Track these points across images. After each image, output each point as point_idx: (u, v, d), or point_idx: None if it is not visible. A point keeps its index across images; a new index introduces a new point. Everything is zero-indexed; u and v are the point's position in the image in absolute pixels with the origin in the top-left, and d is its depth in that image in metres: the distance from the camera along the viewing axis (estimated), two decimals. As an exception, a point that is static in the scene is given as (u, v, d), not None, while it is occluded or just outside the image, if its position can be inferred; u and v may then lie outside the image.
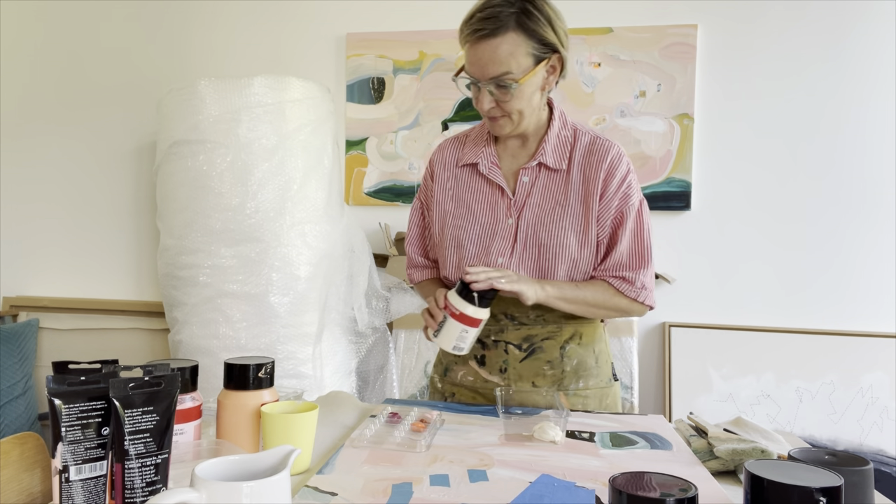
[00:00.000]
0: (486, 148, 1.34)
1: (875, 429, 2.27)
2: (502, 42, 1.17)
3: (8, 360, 2.59)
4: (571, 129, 1.32)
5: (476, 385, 1.34)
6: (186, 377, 0.90)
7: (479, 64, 1.19)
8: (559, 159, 1.30)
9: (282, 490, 0.62)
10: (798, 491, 0.60)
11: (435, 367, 1.46)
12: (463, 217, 1.34)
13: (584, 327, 1.33)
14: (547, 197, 1.29)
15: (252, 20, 2.75)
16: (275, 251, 2.25)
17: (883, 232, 2.38)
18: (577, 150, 1.30)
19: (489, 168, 1.32)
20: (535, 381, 1.30)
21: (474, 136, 1.39)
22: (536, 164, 1.30)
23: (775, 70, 2.43)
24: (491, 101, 1.22)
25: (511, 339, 1.30)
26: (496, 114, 1.24)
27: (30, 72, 2.91)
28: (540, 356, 1.30)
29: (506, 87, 1.20)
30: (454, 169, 1.38)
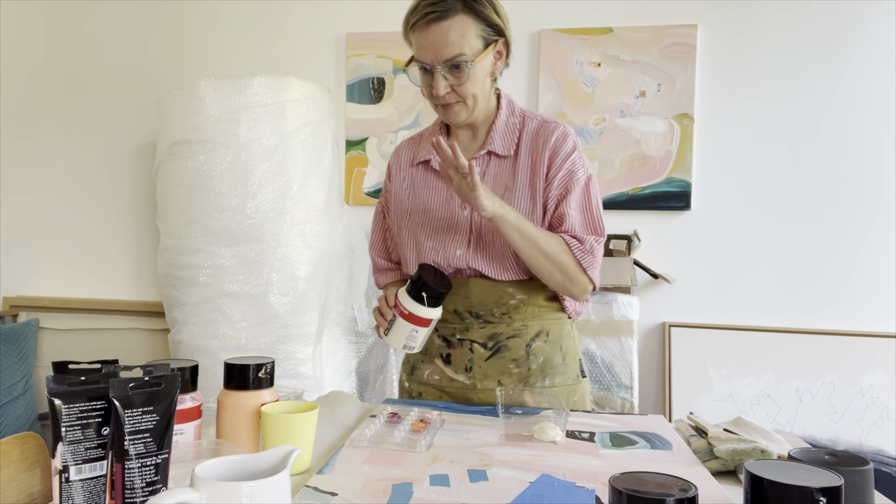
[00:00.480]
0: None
1: (875, 429, 2.27)
2: (453, 24, 1.18)
3: (8, 360, 2.59)
4: (520, 116, 1.33)
5: (442, 384, 1.33)
6: (186, 377, 0.90)
7: (432, 48, 1.19)
8: (507, 146, 1.30)
9: (282, 490, 0.62)
10: (798, 491, 0.60)
11: (403, 366, 1.46)
12: (420, 214, 1.34)
13: (551, 324, 1.33)
14: (497, 184, 1.29)
15: (252, 20, 2.75)
16: (275, 251, 2.25)
17: (883, 231, 2.38)
18: (524, 136, 1.30)
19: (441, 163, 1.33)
20: (500, 379, 1.29)
21: (428, 133, 1.40)
22: (485, 152, 1.30)
23: (775, 70, 2.43)
24: (446, 86, 1.22)
25: (476, 337, 1.30)
26: (451, 99, 1.24)
27: (30, 72, 2.91)
28: (505, 354, 1.29)
29: (460, 70, 1.20)
30: (409, 168, 1.39)
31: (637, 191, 2.48)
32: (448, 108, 1.26)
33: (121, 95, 2.85)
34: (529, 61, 2.58)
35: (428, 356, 1.36)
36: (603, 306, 2.41)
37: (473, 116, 1.29)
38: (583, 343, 2.39)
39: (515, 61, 2.57)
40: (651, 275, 2.44)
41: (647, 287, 2.51)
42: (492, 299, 1.28)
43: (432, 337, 1.34)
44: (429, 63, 1.21)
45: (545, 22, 2.55)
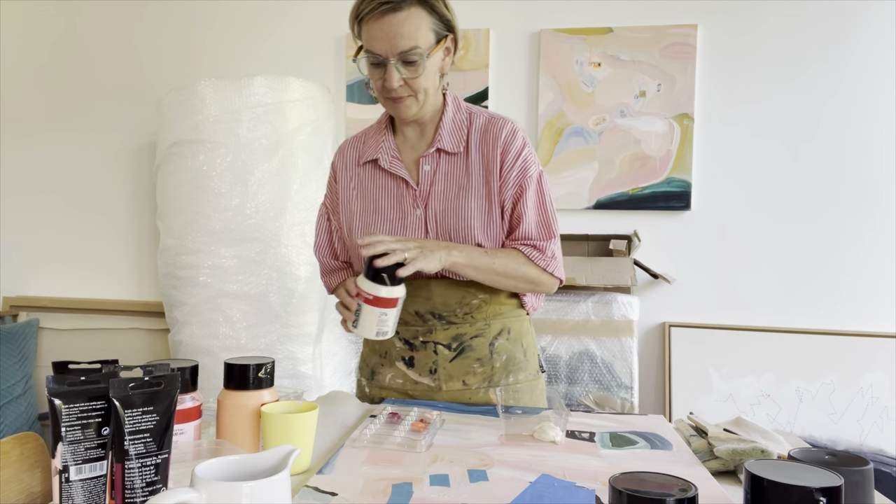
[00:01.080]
0: (385, 142, 1.32)
1: (875, 429, 2.27)
2: (408, 16, 1.15)
3: (8, 360, 2.59)
4: (466, 113, 1.31)
5: (406, 387, 1.32)
6: (186, 377, 0.90)
7: (387, 39, 1.16)
8: (456, 142, 1.28)
9: (282, 490, 0.62)
10: (798, 491, 0.60)
11: (360, 371, 1.43)
12: (370, 214, 1.31)
13: (512, 322, 1.32)
14: (450, 182, 1.27)
15: (252, 20, 2.75)
16: (275, 251, 2.25)
17: (883, 231, 2.38)
18: (473, 132, 1.28)
19: (390, 161, 1.30)
20: (465, 379, 1.29)
21: (373, 132, 1.36)
22: (435, 150, 1.28)
23: (775, 70, 2.43)
24: (399, 78, 1.18)
25: (440, 339, 1.29)
26: (403, 93, 1.21)
27: (30, 72, 2.91)
28: (469, 354, 1.29)
29: (414, 63, 1.18)
30: (356, 168, 1.35)
31: (637, 191, 2.48)
32: (399, 102, 1.23)
33: (121, 95, 2.85)
34: (529, 61, 2.58)
35: (388, 360, 1.34)
36: (603, 306, 2.41)
37: (422, 112, 1.26)
38: (582, 343, 2.39)
39: (515, 61, 2.58)
40: (651, 275, 2.44)
41: (647, 287, 2.51)
42: (454, 300, 1.28)
43: (392, 340, 1.32)
44: (382, 55, 1.17)
45: (545, 22, 2.55)
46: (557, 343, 2.40)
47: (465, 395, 1.29)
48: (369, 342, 1.40)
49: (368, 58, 1.20)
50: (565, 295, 2.45)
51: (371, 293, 1.11)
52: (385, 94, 1.22)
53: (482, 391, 1.29)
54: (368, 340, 1.40)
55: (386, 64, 1.18)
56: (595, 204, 2.51)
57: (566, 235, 2.50)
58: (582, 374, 2.38)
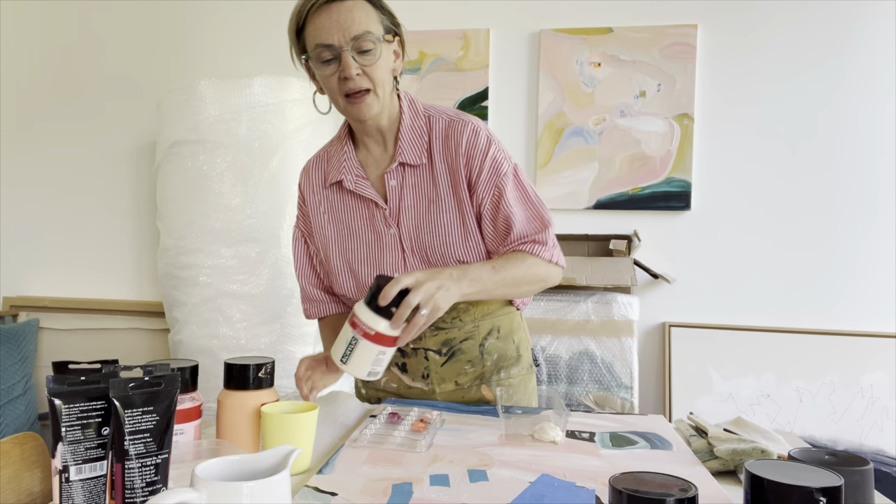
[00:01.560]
0: (348, 161, 1.26)
1: (875, 429, 2.27)
2: (355, 5, 1.13)
3: (8, 360, 2.59)
4: (425, 117, 1.24)
5: (400, 391, 1.33)
6: (186, 377, 0.90)
7: (338, 26, 1.11)
8: (417, 153, 1.22)
9: (282, 490, 0.62)
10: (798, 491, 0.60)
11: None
12: (346, 239, 1.26)
13: (501, 320, 1.30)
14: (419, 196, 1.22)
15: (252, 20, 2.75)
16: (275, 251, 2.25)
17: (883, 231, 2.38)
18: (434, 140, 1.22)
19: (355, 182, 1.24)
20: (457, 380, 1.29)
21: (335, 149, 1.30)
22: (398, 164, 1.22)
23: (775, 70, 2.43)
24: (357, 66, 1.12)
25: (430, 345, 1.27)
26: (363, 84, 1.14)
27: (29, 72, 2.91)
28: (460, 357, 1.28)
29: (369, 52, 1.13)
30: (323, 190, 1.29)
31: (637, 191, 2.48)
32: (359, 99, 1.15)
33: (121, 95, 2.85)
34: (529, 61, 2.58)
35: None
36: (603, 306, 2.41)
37: (382, 116, 1.20)
38: (582, 343, 2.39)
39: (515, 61, 2.58)
40: (651, 275, 2.44)
41: (647, 287, 2.51)
42: None
43: None
44: (336, 43, 1.11)
45: (545, 22, 2.55)
46: (557, 343, 2.40)
47: (458, 394, 1.30)
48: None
49: (319, 53, 1.13)
50: (565, 295, 2.45)
51: (372, 327, 0.97)
52: (342, 90, 1.15)
53: (474, 388, 1.29)
54: None
55: (340, 54, 1.12)
56: (595, 204, 2.51)
57: (566, 235, 2.50)
58: (582, 374, 2.38)
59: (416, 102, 1.27)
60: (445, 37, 2.59)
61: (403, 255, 1.24)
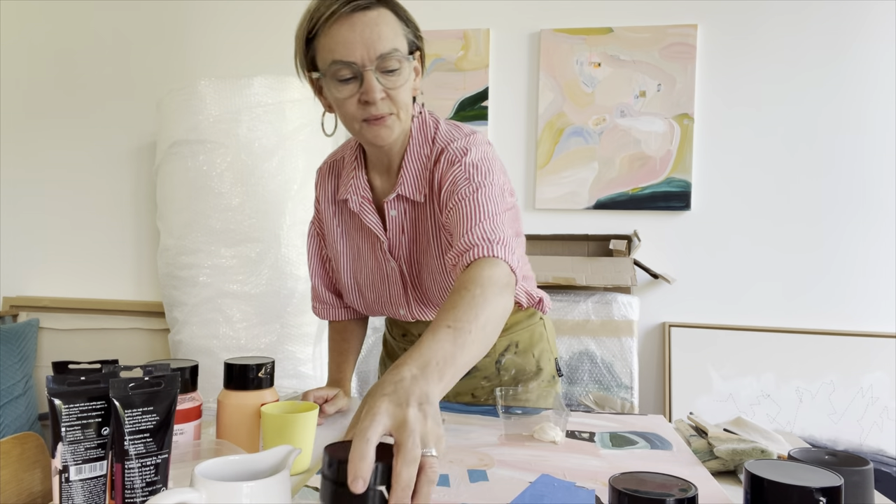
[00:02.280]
0: (356, 180, 1.14)
1: (875, 429, 2.27)
2: (380, 16, 0.97)
3: (8, 360, 2.59)
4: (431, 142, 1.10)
5: None
6: (186, 377, 0.90)
7: (362, 42, 0.95)
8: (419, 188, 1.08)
9: (282, 490, 0.62)
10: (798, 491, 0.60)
11: (381, 366, 1.43)
12: (356, 260, 1.20)
13: (521, 335, 1.23)
14: (420, 231, 1.11)
15: (252, 20, 2.75)
16: (275, 251, 2.25)
17: (883, 232, 2.38)
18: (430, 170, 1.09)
19: (360, 205, 1.13)
20: (473, 392, 1.27)
21: (347, 162, 1.19)
22: (395, 195, 1.10)
23: (775, 70, 2.43)
24: (381, 89, 0.98)
25: None
26: (385, 109, 1.00)
27: (30, 72, 2.91)
28: (476, 374, 1.25)
29: (395, 71, 0.98)
30: (335, 204, 1.21)
31: (637, 191, 2.48)
32: (380, 123, 1.01)
33: (121, 95, 2.85)
34: (529, 61, 2.58)
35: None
36: (603, 306, 2.41)
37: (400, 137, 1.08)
38: (582, 343, 2.39)
39: (515, 61, 2.58)
40: (651, 275, 2.44)
41: (647, 287, 2.51)
42: None
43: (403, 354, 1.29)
44: (358, 61, 0.96)
45: (545, 22, 2.55)
46: (557, 343, 2.40)
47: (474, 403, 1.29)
48: (389, 342, 1.39)
49: (337, 71, 0.97)
50: (565, 295, 2.45)
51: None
52: (362, 114, 1.00)
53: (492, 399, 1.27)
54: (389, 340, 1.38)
55: (362, 74, 0.97)
56: (595, 204, 2.51)
57: (566, 235, 2.50)
58: (582, 374, 2.37)
59: (426, 122, 1.13)
60: (445, 37, 2.59)
61: (405, 290, 1.16)
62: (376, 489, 0.56)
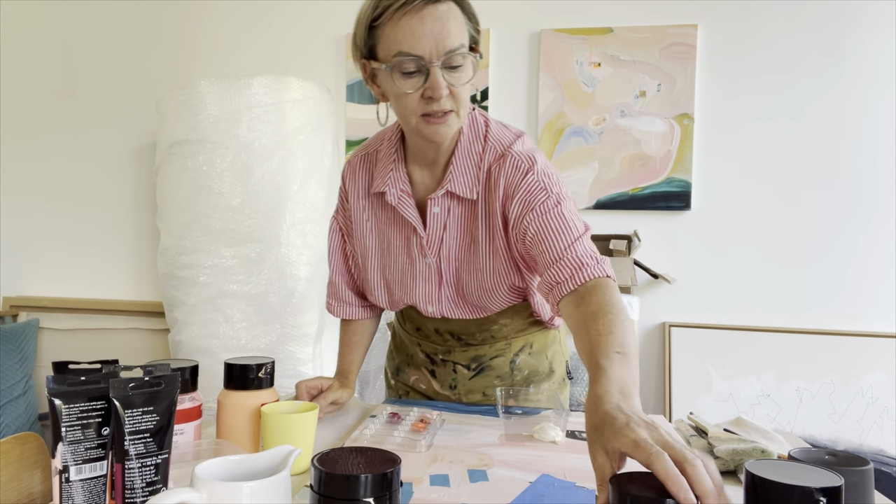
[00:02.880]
0: (395, 172, 1.12)
1: (875, 429, 2.27)
2: (449, 10, 0.95)
3: (8, 360, 2.59)
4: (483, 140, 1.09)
5: (428, 392, 1.32)
6: (186, 377, 0.90)
7: (431, 35, 0.93)
8: (470, 185, 1.07)
9: (282, 490, 0.62)
10: (798, 491, 0.60)
11: (388, 362, 1.41)
12: (386, 255, 1.17)
13: (536, 336, 1.24)
14: (463, 230, 1.09)
15: (252, 20, 2.75)
16: (275, 251, 2.25)
17: (883, 232, 2.38)
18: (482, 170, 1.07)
19: (398, 198, 1.11)
20: (485, 391, 1.27)
21: (383, 155, 1.16)
22: (445, 192, 1.08)
23: (775, 69, 2.43)
24: (446, 86, 0.96)
25: (459, 359, 1.24)
26: (448, 106, 0.98)
27: (29, 72, 2.91)
28: (489, 373, 1.25)
29: (460, 67, 0.97)
30: (368, 197, 1.18)
31: (637, 191, 2.48)
32: (440, 121, 0.99)
33: (121, 95, 2.85)
34: (529, 61, 2.58)
35: (413, 363, 1.32)
36: (603, 306, 2.40)
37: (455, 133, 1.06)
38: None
39: (515, 61, 2.58)
40: (651, 275, 2.44)
41: (647, 287, 2.51)
42: (473, 326, 1.21)
43: (416, 350, 1.30)
44: (426, 55, 0.94)
45: (545, 22, 2.55)
46: (557, 343, 2.40)
47: (486, 402, 1.28)
48: (396, 338, 1.38)
49: (402, 63, 0.95)
50: (565, 295, 2.45)
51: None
52: (423, 109, 0.98)
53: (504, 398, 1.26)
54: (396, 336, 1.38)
55: (428, 69, 0.95)
56: (595, 204, 2.51)
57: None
58: (582, 373, 2.37)
59: (476, 119, 1.11)
60: (445, 37, 2.59)
61: (440, 289, 1.16)
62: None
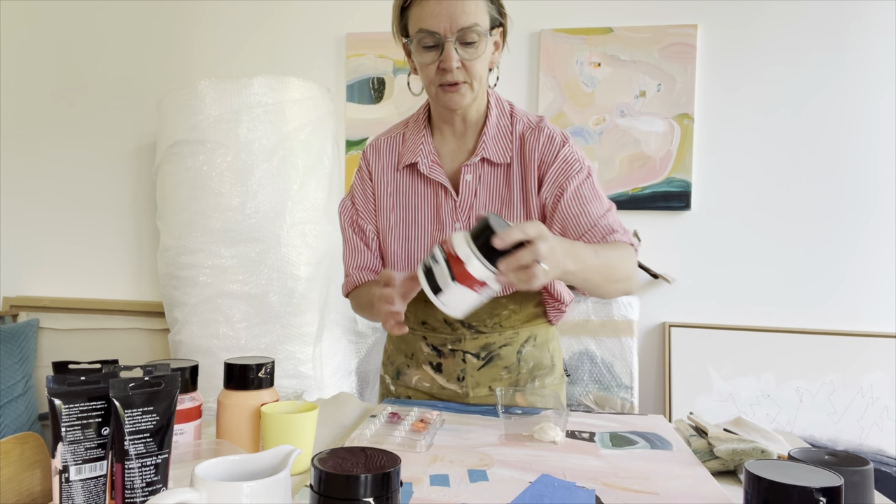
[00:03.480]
0: (424, 145, 1.23)
1: (875, 429, 2.27)
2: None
3: (8, 360, 2.59)
4: (509, 116, 1.23)
5: (432, 391, 1.31)
6: (186, 377, 0.90)
7: (447, 14, 1.08)
8: (503, 152, 1.20)
9: (282, 490, 0.62)
10: (798, 491, 0.60)
11: (385, 368, 1.41)
12: (410, 226, 1.24)
13: (539, 328, 1.31)
14: (493, 196, 1.20)
15: (252, 20, 2.75)
16: (275, 251, 2.25)
17: (883, 232, 2.38)
18: (514, 140, 1.21)
19: (430, 167, 1.21)
20: (491, 384, 1.28)
21: (411, 131, 1.26)
22: (479, 159, 1.20)
23: (775, 69, 2.43)
24: (458, 59, 1.10)
25: (469, 348, 1.27)
26: (460, 77, 1.12)
27: (29, 72, 2.91)
28: (497, 363, 1.28)
29: (473, 44, 1.11)
30: (394, 173, 1.26)
31: (637, 191, 2.48)
32: (453, 90, 1.13)
33: (121, 95, 2.85)
34: (529, 61, 2.58)
35: (415, 362, 1.32)
36: (603, 306, 2.41)
37: (473, 106, 1.19)
38: (582, 343, 2.39)
39: (515, 61, 2.58)
40: (651, 275, 2.44)
41: (647, 287, 2.51)
42: (484, 311, 1.24)
43: (420, 344, 1.30)
44: (441, 31, 1.09)
45: (545, 22, 2.55)
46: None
47: (491, 399, 1.29)
48: (394, 340, 1.37)
49: (422, 39, 1.11)
50: (565, 295, 2.45)
51: (475, 273, 0.87)
52: (439, 80, 1.13)
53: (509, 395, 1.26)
54: (394, 339, 1.37)
55: (443, 44, 1.10)
56: (595, 204, 2.51)
57: (566, 235, 2.50)
58: (582, 374, 2.38)
59: (502, 100, 1.24)
60: (445, 37, 2.59)
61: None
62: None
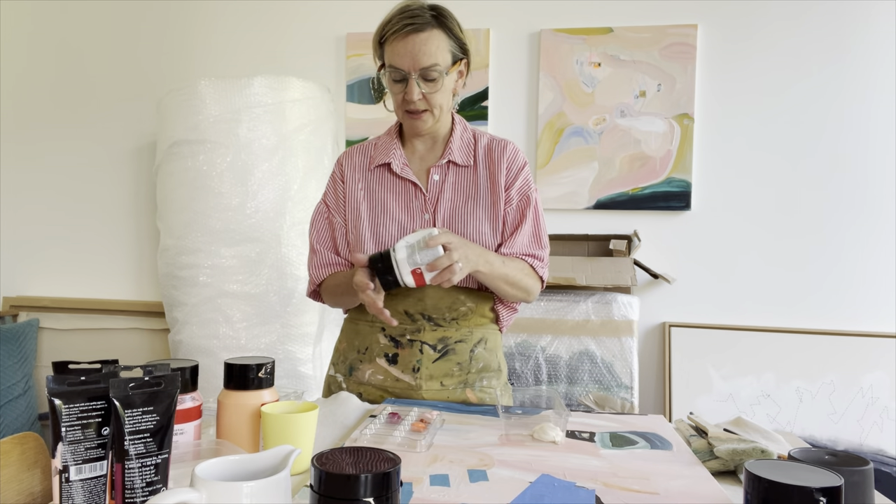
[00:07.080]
0: (396, 151, 1.40)
1: (875, 429, 2.27)
2: (430, 37, 1.27)
3: (8, 360, 2.59)
4: (471, 132, 1.43)
5: (386, 384, 1.35)
6: (186, 377, 0.90)
7: (410, 55, 1.27)
8: (466, 156, 1.40)
9: (282, 490, 0.62)
10: (798, 491, 0.60)
11: (335, 367, 1.45)
12: (379, 214, 1.39)
13: (489, 333, 1.41)
14: (458, 192, 1.38)
15: (252, 20, 2.75)
16: (275, 251, 2.25)
17: (883, 232, 2.38)
18: (479, 150, 1.41)
19: (401, 167, 1.39)
20: (443, 380, 1.34)
21: (382, 143, 1.44)
22: (446, 162, 1.39)
23: (775, 70, 2.43)
24: (419, 93, 1.29)
25: (427, 339, 1.34)
26: (422, 107, 1.31)
27: (30, 72, 2.91)
28: (452, 357, 1.35)
29: (433, 80, 1.29)
30: (364, 172, 1.43)
31: (637, 191, 2.48)
32: (417, 117, 1.32)
33: (121, 95, 2.85)
34: (529, 61, 2.58)
35: (368, 356, 1.38)
36: (603, 306, 2.41)
37: (436, 127, 1.37)
38: (583, 343, 2.39)
39: (515, 61, 2.58)
40: (651, 275, 2.44)
41: (647, 287, 2.51)
42: (445, 304, 1.34)
43: (377, 336, 1.37)
44: (405, 69, 1.27)
45: (545, 22, 2.55)
46: (557, 343, 2.40)
47: (442, 394, 1.33)
48: (348, 337, 1.43)
49: (391, 73, 1.30)
50: (565, 295, 2.45)
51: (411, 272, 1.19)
52: (405, 107, 1.32)
53: (458, 391, 1.34)
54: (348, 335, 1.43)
55: (408, 79, 1.28)
56: (595, 204, 2.51)
57: (566, 235, 2.50)
58: (582, 374, 2.37)
59: (464, 122, 1.45)
60: (445, 37, 2.59)
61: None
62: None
